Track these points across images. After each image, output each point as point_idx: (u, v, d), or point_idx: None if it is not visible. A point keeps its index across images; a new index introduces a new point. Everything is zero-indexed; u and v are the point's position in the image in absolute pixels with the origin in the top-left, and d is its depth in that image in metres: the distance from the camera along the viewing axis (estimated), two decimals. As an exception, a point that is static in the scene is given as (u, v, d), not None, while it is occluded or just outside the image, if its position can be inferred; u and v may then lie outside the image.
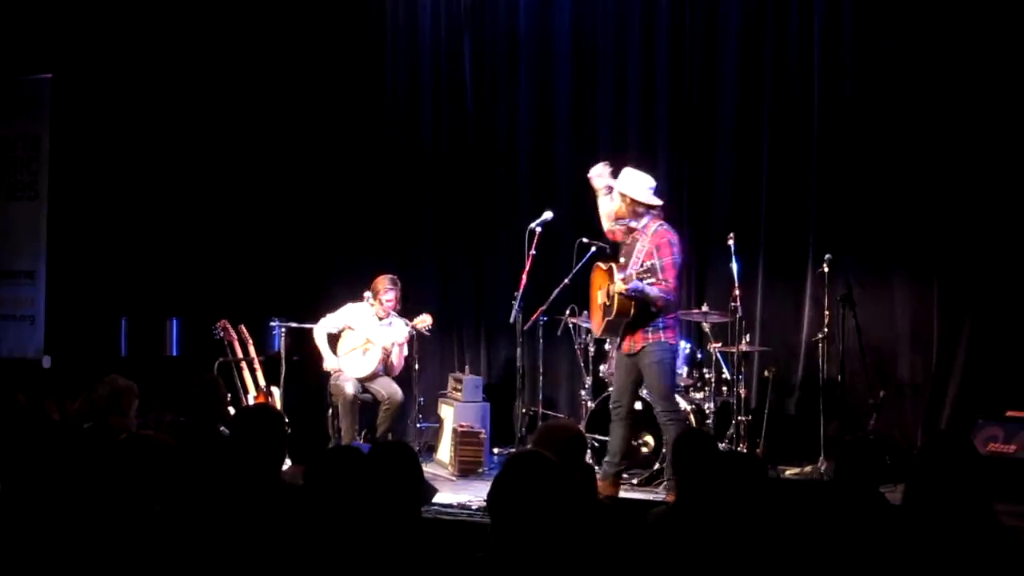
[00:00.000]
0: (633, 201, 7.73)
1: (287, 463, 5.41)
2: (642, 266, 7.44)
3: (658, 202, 7.80)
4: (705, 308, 9.04)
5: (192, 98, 11.21)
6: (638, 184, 7.78)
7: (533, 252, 7.93)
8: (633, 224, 7.77)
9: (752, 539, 4.37)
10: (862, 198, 9.29)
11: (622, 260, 7.77)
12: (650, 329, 7.68)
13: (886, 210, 9.21)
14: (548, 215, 7.97)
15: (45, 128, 11.06)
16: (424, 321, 9.40)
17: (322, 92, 11.12)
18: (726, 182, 9.86)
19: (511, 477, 3.76)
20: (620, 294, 7.48)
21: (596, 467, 7.73)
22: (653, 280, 7.40)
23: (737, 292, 8.54)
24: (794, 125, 9.57)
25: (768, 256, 9.67)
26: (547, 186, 10.21)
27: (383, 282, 9.34)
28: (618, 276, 7.51)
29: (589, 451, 7.70)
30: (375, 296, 9.39)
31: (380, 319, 9.44)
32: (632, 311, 7.61)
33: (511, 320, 7.90)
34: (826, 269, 8.61)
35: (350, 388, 9.28)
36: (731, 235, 8.61)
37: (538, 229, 7.94)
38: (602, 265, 7.87)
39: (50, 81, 11.09)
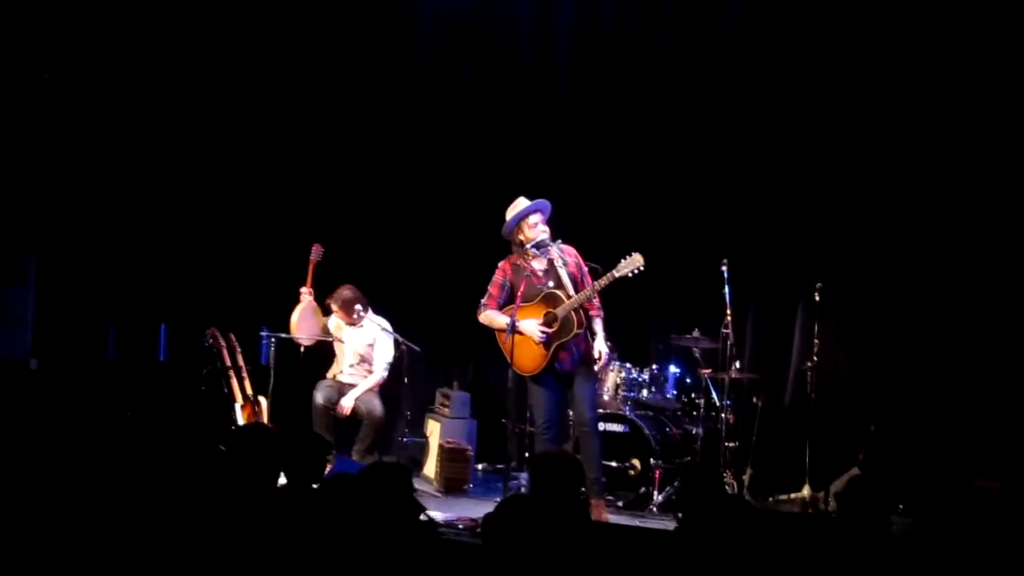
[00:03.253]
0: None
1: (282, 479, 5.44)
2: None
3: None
4: (696, 334, 9.06)
5: (186, 102, 11.17)
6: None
7: (526, 273, 7.93)
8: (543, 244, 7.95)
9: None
10: (856, 229, 9.31)
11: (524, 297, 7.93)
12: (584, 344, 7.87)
13: (881, 242, 9.24)
14: (545, 237, 7.97)
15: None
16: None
17: (314, 98, 11.11)
18: (721, 207, 9.87)
19: (503, 520, 3.79)
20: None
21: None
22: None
23: (729, 318, 8.57)
24: (791, 152, 9.60)
25: (759, 283, 9.69)
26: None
27: (335, 298, 9.37)
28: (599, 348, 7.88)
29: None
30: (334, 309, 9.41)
31: (351, 326, 9.45)
32: (580, 325, 7.79)
33: (503, 340, 7.90)
34: (817, 298, 8.65)
35: (319, 397, 9.29)
36: (724, 261, 8.64)
37: (533, 251, 7.94)
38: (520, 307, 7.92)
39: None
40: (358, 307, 9.32)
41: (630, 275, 7.63)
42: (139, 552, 4.31)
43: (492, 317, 8.04)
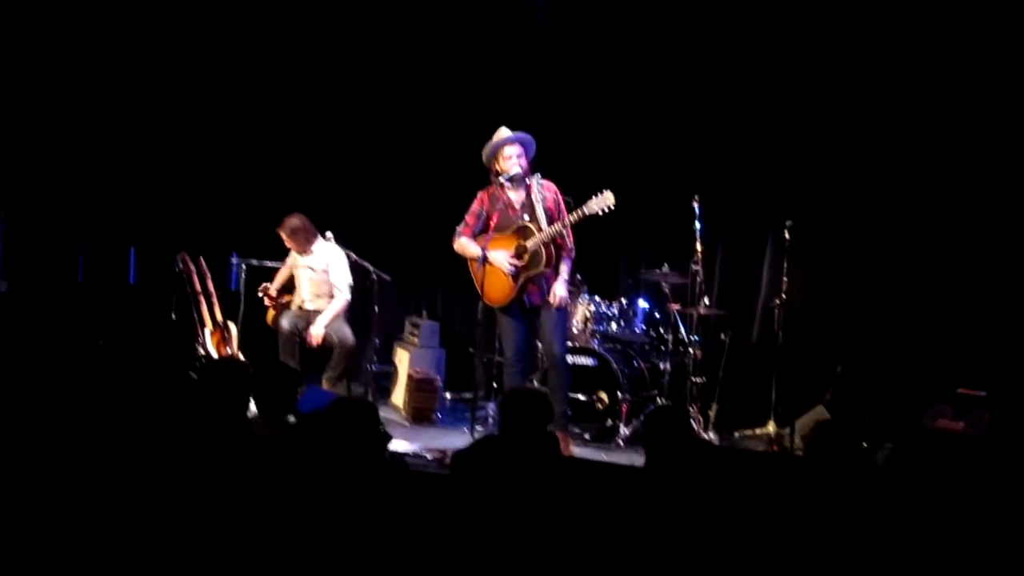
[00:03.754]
0: (531, 154, 7.97)
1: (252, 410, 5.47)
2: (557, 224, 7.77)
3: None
4: (666, 269, 9.11)
5: (158, 25, 11.00)
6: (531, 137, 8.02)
7: (498, 208, 7.93)
8: (517, 182, 7.94)
9: (716, 511, 4.45)
10: (826, 168, 9.34)
11: (498, 228, 7.96)
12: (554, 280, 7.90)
13: (849, 182, 9.27)
14: (517, 171, 7.94)
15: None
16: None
17: (285, 25, 10.99)
18: (692, 142, 9.87)
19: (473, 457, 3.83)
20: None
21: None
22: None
23: (699, 254, 8.61)
24: (764, 87, 9.60)
25: (729, 219, 9.74)
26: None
27: (284, 228, 9.31)
28: (558, 293, 7.85)
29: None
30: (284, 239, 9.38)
31: (302, 254, 9.42)
32: (550, 261, 7.83)
33: (474, 271, 7.90)
34: (787, 235, 8.68)
35: (285, 324, 9.25)
36: (696, 197, 8.65)
37: (506, 183, 7.92)
38: (493, 236, 7.94)
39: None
40: (307, 235, 9.28)
41: (600, 213, 7.64)
42: (107, 480, 4.32)
43: (465, 245, 8.04)
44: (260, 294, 9.40)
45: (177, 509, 4.15)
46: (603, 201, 7.57)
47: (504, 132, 7.97)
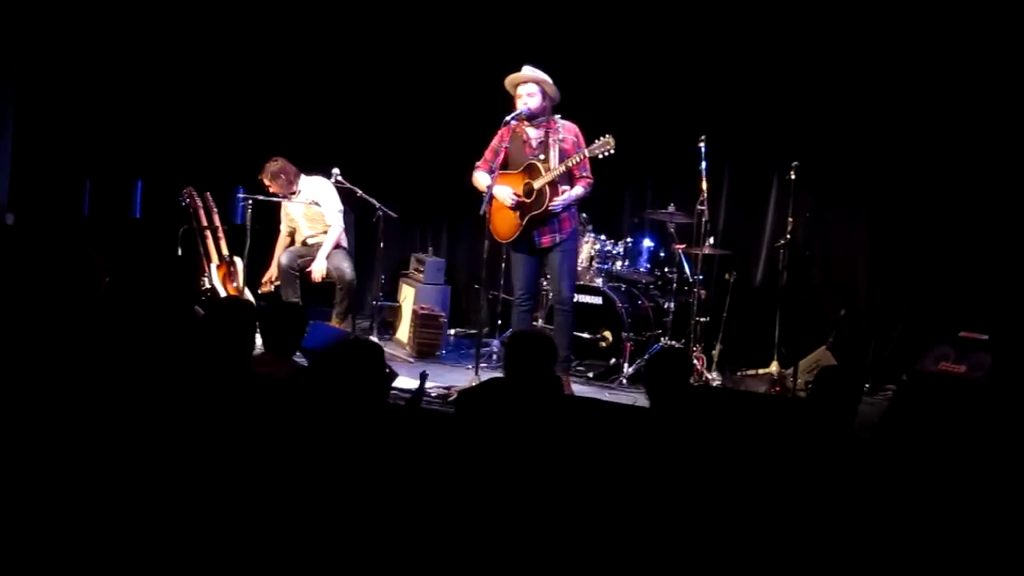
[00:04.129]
0: (551, 93, 7.89)
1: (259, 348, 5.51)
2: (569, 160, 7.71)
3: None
4: (671, 208, 9.11)
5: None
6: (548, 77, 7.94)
7: (506, 145, 7.90)
8: (538, 119, 7.90)
9: (717, 451, 4.49)
10: (833, 110, 9.30)
11: (511, 162, 7.96)
12: (566, 221, 7.89)
13: (855, 124, 9.23)
14: (523, 109, 7.92)
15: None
16: None
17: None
18: (697, 82, 9.83)
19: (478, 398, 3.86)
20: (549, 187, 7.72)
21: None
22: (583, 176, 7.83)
23: (704, 194, 8.60)
24: (772, 28, 9.53)
25: (735, 160, 9.72)
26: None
27: (265, 174, 9.32)
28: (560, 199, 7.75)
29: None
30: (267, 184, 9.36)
31: (288, 198, 9.40)
32: (555, 193, 7.78)
33: (481, 212, 7.89)
34: (792, 176, 8.67)
35: (285, 259, 9.33)
36: (702, 137, 8.63)
37: (512, 122, 7.90)
38: (501, 172, 7.93)
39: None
40: (288, 176, 9.29)
41: (600, 156, 7.65)
42: (113, 418, 4.35)
43: (478, 180, 8.03)
44: (268, 288, 9.46)
45: (181, 446, 4.19)
46: (603, 145, 7.58)
47: (523, 70, 7.94)
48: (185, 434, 4.24)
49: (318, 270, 9.18)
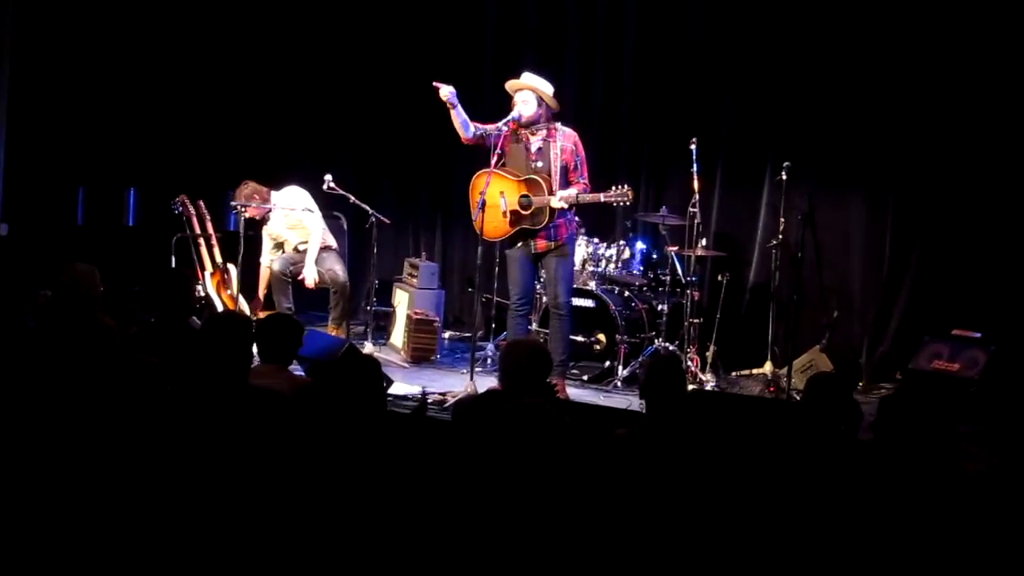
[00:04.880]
0: (549, 102, 7.90)
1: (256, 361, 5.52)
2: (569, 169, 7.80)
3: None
4: (664, 211, 9.13)
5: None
6: (547, 86, 7.94)
7: (499, 151, 7.91)
8: (538, 125, 7.90)
9: (715, 459, 4.51)
10: (824, 110, 9.31)
11: (509, 164, 7.98)
12: (562, 227, 7.93)
13: (846, 124, 9.24)
14: (515, 115, 7.94)
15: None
16: None
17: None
18: (689, 87, 9.86)
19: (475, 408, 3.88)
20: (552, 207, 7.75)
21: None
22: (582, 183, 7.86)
23: (697, 196, 8.61)
24: (760, 32, 9.55)
25: (727, 162, 9.73)
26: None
27: (238, 198, 9.30)
28: (561, 195, 7.74)
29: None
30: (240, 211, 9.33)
31: (266, 217, 9.44)
32: (552, 217, 7.82)
33: (474, 218, 7.91)
34: (784, 177, 8.68)
35: (276, 265, 9.38)
36: (693, 140, 8.64)
37: (504, 128, 7.92)
38: (499, 172, 7.93)
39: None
40: (261, 196, 9.30)
41: (614, 204, 7.72)
42: (109, 426, 4.35)
43: (460, 125, 8.00)
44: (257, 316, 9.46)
45: (183, 461, 4.20)
46: (621, 196, 7.65)
47: (522, 77, 7.96)
48: (187, 449, 4.26)
49: (310, 276, 9.20)
